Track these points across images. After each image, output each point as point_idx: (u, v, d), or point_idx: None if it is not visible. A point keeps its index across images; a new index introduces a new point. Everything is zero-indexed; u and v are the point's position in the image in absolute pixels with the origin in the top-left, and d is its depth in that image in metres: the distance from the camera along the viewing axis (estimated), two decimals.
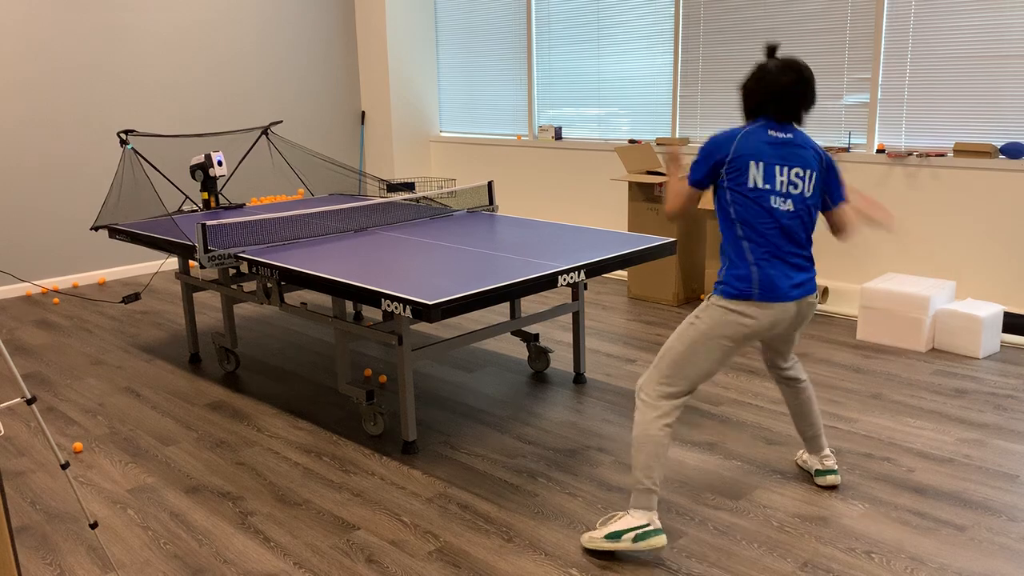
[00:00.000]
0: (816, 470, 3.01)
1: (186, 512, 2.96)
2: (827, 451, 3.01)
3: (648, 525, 2.55)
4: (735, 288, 2.53)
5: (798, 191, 2.56)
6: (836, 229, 2.74)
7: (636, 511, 2.58)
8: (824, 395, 3.82)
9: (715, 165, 2.57)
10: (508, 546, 2.69)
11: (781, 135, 2.57)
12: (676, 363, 2.57)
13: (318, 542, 2.75)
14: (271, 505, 2.99)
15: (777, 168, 2.54)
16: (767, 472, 3.12)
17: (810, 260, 2.64)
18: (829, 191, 2.67)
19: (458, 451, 3.38)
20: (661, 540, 2.55)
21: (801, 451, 3.14)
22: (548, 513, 2.88)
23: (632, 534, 2.55)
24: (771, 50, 2.63)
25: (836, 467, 2.99)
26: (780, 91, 2.55)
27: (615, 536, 2.56)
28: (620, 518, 2.60)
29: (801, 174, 2.57)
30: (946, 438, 3.37)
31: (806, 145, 2.60)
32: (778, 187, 2.54)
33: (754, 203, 2.53)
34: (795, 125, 2.62)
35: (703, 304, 2.61)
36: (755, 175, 2.52)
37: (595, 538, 2.60)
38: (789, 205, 2.55)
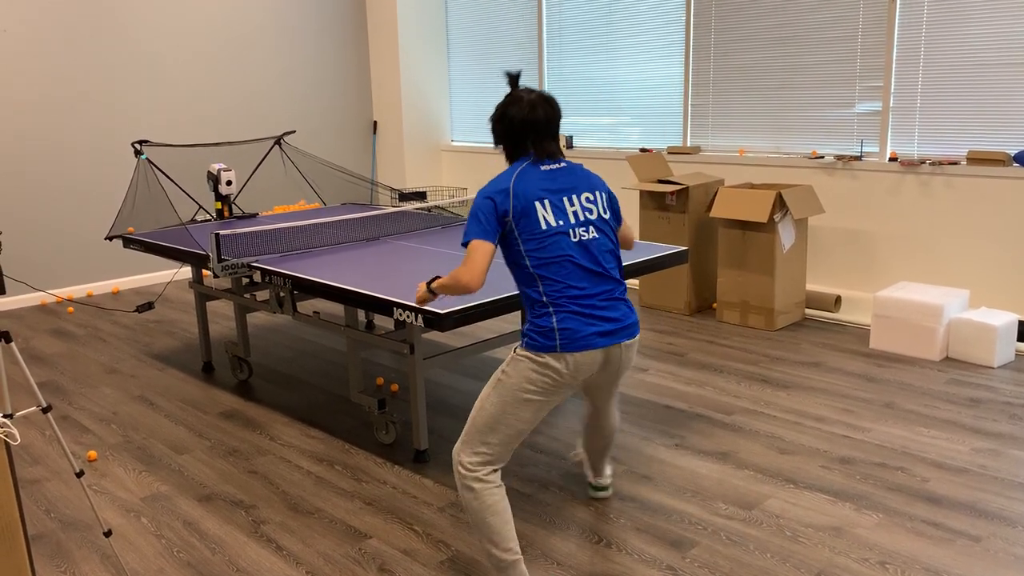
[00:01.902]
0: (591, 484, 3.03)
1: (199, 520, 2.97)
2: (609, 471, 3.02)
3: None
4: (537, 341, 2.34)
5: (594, 216, 2.42)
6: (623, 244, 2.69)
7: None
8: (837, 404, 3.81)
9: (501, 217, 2.35)
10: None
11: (554, 165, 2.44)
12: (489, 425, 2.38)
13: (330, 551, 2.75)
14: (283, 514, 3.00)
15: (566, 199, 2.39)
16: (780, 481, 3.11)
17: (621, 297, 2.44)
18: (615, 214, 2.54)
19: None
20: None
21: (583, 451, 3.03)
22: (560, 523, 2.88)
23: None
24: (516, 79, 2.50)
25: (610, 485, 3.03)
26: (544, 123, 2.43)
27: None
28: None
29: (591, 197, 2.44)
30: (961, 448, 3.35)
31: (580, 169, 2.49)
32: (571, 219, 2.38)
33: (551, 246, 2.34)
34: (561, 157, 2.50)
35: (510, 357, 2.41)
36: (544, 215, 2.35)
37: None
38: (592, 232, 2.41)
